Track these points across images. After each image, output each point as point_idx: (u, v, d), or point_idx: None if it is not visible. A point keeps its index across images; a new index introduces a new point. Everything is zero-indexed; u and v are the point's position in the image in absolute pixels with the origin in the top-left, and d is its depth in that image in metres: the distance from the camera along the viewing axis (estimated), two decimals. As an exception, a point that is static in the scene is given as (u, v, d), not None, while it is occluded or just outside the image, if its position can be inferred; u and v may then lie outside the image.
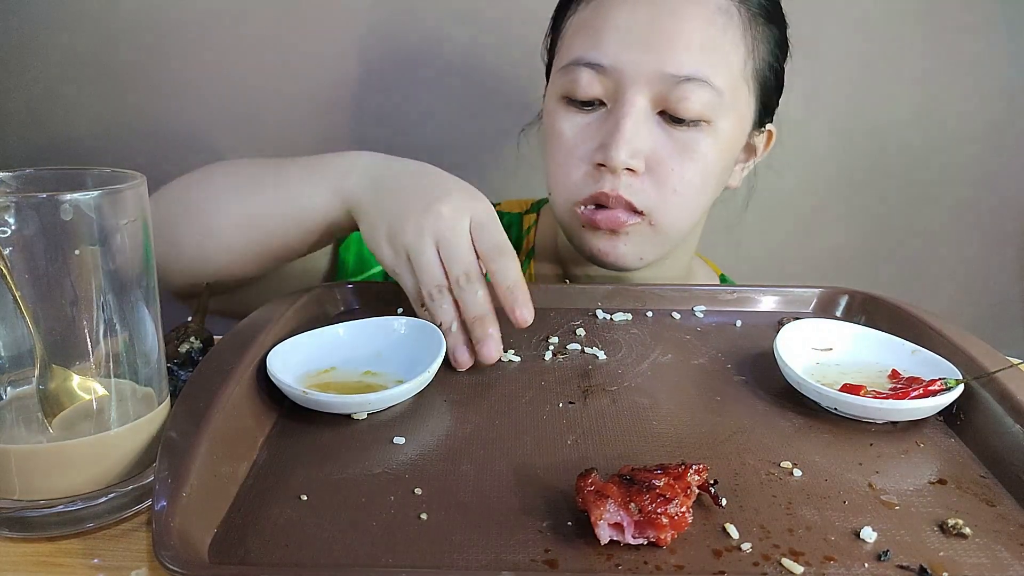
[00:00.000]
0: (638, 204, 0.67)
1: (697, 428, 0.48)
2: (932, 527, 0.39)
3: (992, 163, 1.08)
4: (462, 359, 0.55)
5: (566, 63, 0.69)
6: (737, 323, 0.65)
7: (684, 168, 0.67)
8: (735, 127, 0.70)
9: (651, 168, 0.67)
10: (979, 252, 1.13)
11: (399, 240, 0.56)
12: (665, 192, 0.68)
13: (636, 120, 0.66)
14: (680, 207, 0.69)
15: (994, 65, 1.03)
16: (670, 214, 0.69)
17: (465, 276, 0.55)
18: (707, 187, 0.70)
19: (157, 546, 0.33)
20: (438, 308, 0.55)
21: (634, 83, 0.66)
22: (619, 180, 0.66)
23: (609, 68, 0.66)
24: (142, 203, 0.41)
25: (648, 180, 0.67)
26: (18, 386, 0.40)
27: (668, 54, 0.65)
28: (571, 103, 0.69)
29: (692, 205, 0.70)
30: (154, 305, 0.43)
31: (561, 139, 0.70)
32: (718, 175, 0.71)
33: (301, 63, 1.06)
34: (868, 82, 1.05)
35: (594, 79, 0.67)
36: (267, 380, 0.49)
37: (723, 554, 0.36)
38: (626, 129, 0.65)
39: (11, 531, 0.39)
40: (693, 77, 0.65)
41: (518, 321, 0.55)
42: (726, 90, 0.67)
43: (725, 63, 0.67)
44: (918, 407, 0.47)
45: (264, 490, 0.41)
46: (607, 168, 0.66)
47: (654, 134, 0.67)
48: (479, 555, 0.36)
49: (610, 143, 0.65)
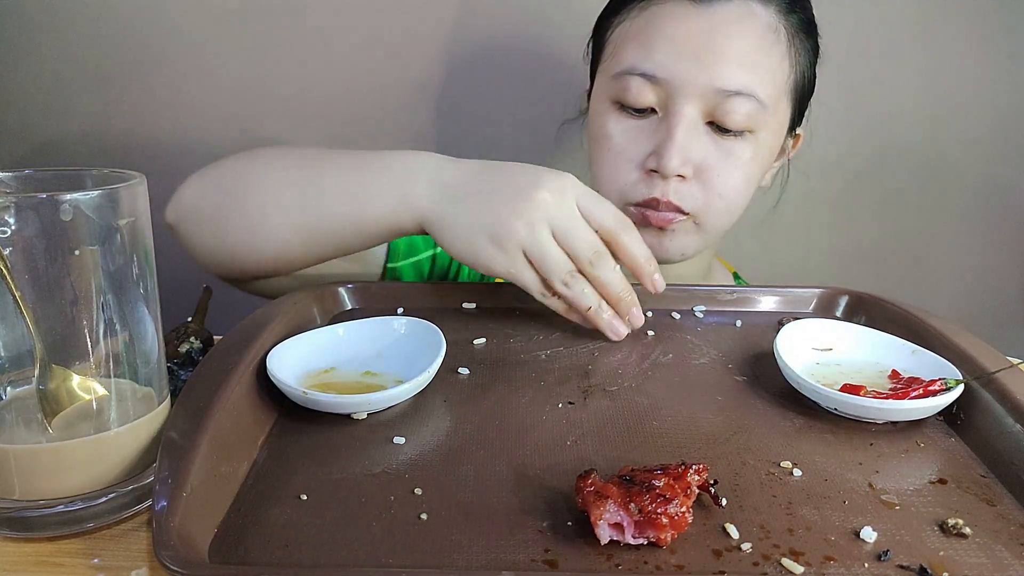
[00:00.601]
0: (686, 207, 0.71)
1: (697, 428, 0.48)
2: (932, 527, 0.38)
3: (993, 163, 1.08)
4: (622, 331, 0.59)
5: (618, 71, 0.71)
6: (737, 323, 0.65)
7: (729, 174, 0.71)
8: (775, 135, 0.74)
9: (698, 174, 0.70)
10: (979, 252, 1.13)
11: (510, 241, 0.57)
12: (711, 196, 0.71)
13: (687, 130, 0.69)
14: (724, 210, 0.72)
15: (996, 66, 1.03)
16: (714, 216, 0.72)
17: (596, 255, 0.58)
18: (748, 191, 0.74)
19: (157, 546, 0.33)
20: (578, 294, 0.58)
21: (685, 94, 0.68)
22: (669, 186, 0.70)
23: (662, 79, 0.69)
24: (142, 203, 0.41)
25: (696, 185, 0.71)
26: (18, 386, 0.40)
27: (719, 69, 0.67)
28: (622, 108, 0.72)
29: (734, 207, 0.73)
30: (154, 305, 0.43)
31: (611, 141, 0.73)
32: (757, 179, 0.75)
33: (300, 64, 1.06)
34: (870, 83, 1.05)
35: (647, 88, 0.70)
36: (267, 380, 0.49)
37: (723, 554, 0.36)
38: (678, 139, 0.68)
39: (11, 531, 0.39)
40: (741, 92, 0.68)
41: (657, 288, 0.60)
42: (770, 103, 0.70)
43: (771, 79, 0.70)
44: (918, 407, 0.47)
45: (264, 490, 0.41)
46: (659, 175, 0.69)
47: (703, 143, 0.70)
48: (479, 555, 0.36)
49: (663, 152, 0.68)
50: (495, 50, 1.05)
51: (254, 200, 0.64)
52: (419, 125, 1.09)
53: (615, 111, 0.72)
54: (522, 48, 1.04)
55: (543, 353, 0.58)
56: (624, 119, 0.72)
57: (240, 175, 0.66)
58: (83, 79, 1.07)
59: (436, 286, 0.69)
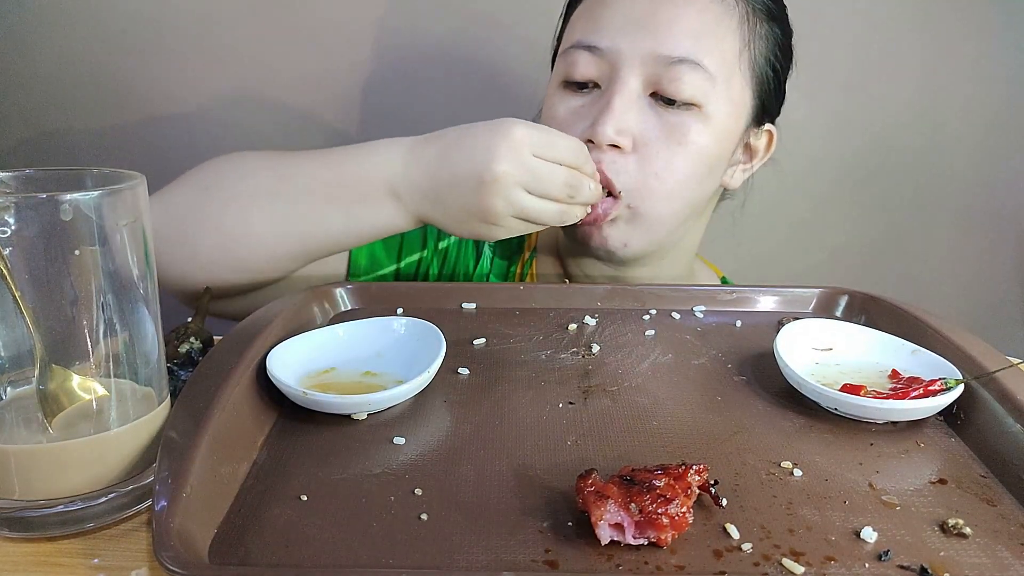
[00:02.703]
0: (617, 184, 0.68)
1: (697, 428, 0.48)
2: (933, 527, 0.38)
3: (992, 163, 1.08)
4: None
5: (565, 48, 0.72)
6: (737, 323, 0.65)
7: (671, 153, 0.68)
8: (728, 117, 0.70)
9: (638, 149, 0.68)
10: (979, 252, 1.13)
11: (498, 216, 0.60)
12: (647, 175, 0.68)
13: (626, 98, 0.67)
14: (660, 193, 0.69)
15: (994, 66, 1.04)
16: (649, 199, 0.69)
17: (571, 188, 0.61)
18: (694, 177, 0.70)
19: (157, 546, 0.33)
20: (574, 216, 0.64)
21: (628, 64, 0.68)
22: (604, 156, 0.68)
23: (605, 50, 0.68)
24: (142, 203, 0.41)
25: (633, 160, 0.68)
26: (18, 386, 0.40)
27: (663, 37, 0.67)
28: (568, 86, 0.72)
29: (674, 193, 0.70)
30: (154, 305, 0.43)
31: (555, 120, 0.72)
32: (709, 167, 0.71)
33: (299, 64, 1.06)
34: (868, 83, 1.05)
35: (590, 61, 0.69)
36: (267, 380, 0.49)
37: (724, 554, 0.36)
38: (615, 106, 0.67)
39: (11, 531, 0.39)
40: (686, 59, 0.66)
41: None
42: (719, 76, 0.68)
43: (719, 49, 0.68)
44: (918, 407, 0.47)
45: (264, 490, 0.41)
46: (595, 144, 0.68)
47: (644, 114, 0.68)
48: (479, 555, 0.36)
49: (599, 119, 0.68)
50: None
51: (233, 214, 0.64)
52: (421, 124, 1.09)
53: (561, 90, 0.73)
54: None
55: (543, 353, 0.58)
56: (569, 97, 0.72)
57: (208, 190, 0.65)
58: (83, 79, 1.07)
59: (436, 286, 0.69)
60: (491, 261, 0.84)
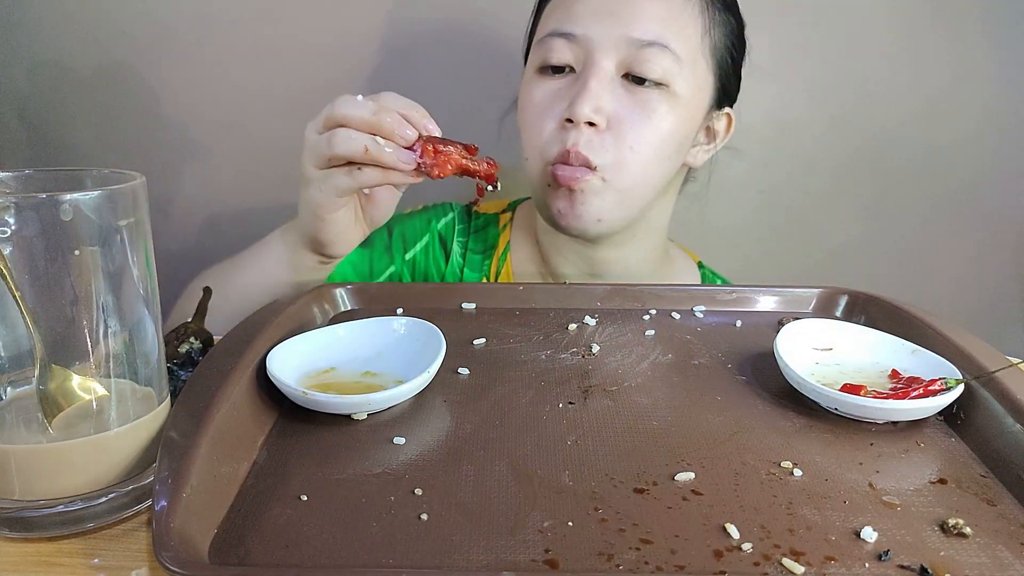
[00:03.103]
0: (594, 159, 0.72)
1: (697, 428, 0.48)
2: (933, 527, 0.38)
3: (992, 163, 1.08)
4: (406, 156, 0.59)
5: (541, 36, 0.76)
6: (737, 323, 0.65)
7: (642, 126, 0.73)
8: (693, 97, 0.75)
9: (612, 126, 0.72)
10: (979, 252, 1.13)
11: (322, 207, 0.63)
12: (622, 148, 0.73)
13: (601, 80, 0.72)
14: (635, 165, 0.73)
15: (993, 65, 1.04)
16: (624, 171, 0.73)
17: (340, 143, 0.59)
18: (663, 151, 0.74)
19: (157, 546, 0.33)
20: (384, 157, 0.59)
21: (601, 48, 0.72)
22: (582, 135, 0.72)
23: (580, 36, 0.73)
24: (142, 203, 0.41)
25: (609, 137, 0.72)
26: (18, 386, 0.40)
27: (633, 23, 0.72)
28: (544, 71, 0.76)
29: (647, 164, 0.74)
30: (154, 305, 0.43)
31: (533, 103, 0.76)
32: (676, 142, 0.75)
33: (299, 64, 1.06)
34: (868, 83, 1.05)
35: (566, 47, 0.74)
36: (267, 380, 0.49)
37: (724, 554, 0.36)
38: (592, 86, 0.71)
39: (11, 531, 0.39)
40: (655, 42, 0.71)
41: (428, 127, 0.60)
42: (685, 58, 0.73)
43: (684, 34, 0.73)
44: (918, 407, 0.47)
45: (264, 490, 0.41)
46: (572, 124, 0.72)
47: (617, 94, 0.73)
48: (479, 555, 0.36)
49: (576, 99, 0.71)
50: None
51: None
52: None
53: (538, 76, 0.76)
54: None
55: (543, 353, 0.58)
56: (545, 81, 0.76)
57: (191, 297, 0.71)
58: (84, 79, 1.07)
59: (436, 286, 0.69)
60: (462, 256, 0.88)
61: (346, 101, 0.59)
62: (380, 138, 0.58)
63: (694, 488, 0.41)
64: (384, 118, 0.58)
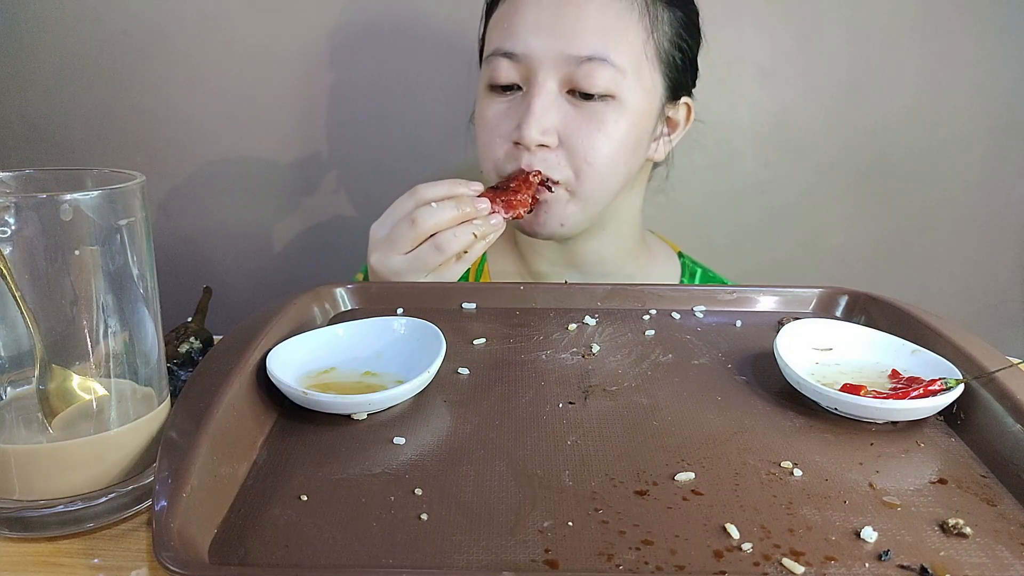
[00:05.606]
0: (556, 177, 0.74)
1: (697, 428, 0.48)
2: (933, 527, 0.38)
3: (992, 163, 1.08)
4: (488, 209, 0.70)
5: (487, 55, 0.78)
6: (737, 323, 0.65)
7: (594, 139, 0.74)
8: (642, 101, 0.76)
9: (564, 142, 0.74)
10: (979, 252, 1.13)
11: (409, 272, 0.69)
12: (578, 162, 0.74)
13: (545, 100, 0.73)
14: (595, 175, 0.75)
15: (995, 66, 1.04)
16: (587, 183, 0.75)
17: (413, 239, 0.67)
18: (620, 157, 0.76)
19: (157, 546, 0.33)
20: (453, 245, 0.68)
21: (543, 66, 0.73)
22: (535, 157, 0.74)
23: (521, 55, 0.74)
24: (142, 203, 0.41)
25: (563, 154, 0.74)
26: (18, 386, 0.40)
27: (570, 38, 0.72)
28: (493, 89, 0.77)
29: (608, 174, 0.76)
30: (154, 305, 0.43)
31: (484, 122, 0.78)
32: (632, 146, 0.77)
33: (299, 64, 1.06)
34: (869, 82, 1.05)
35: (510, 66, 0.75)
36: (267, 380, 0.49)
37: (724, 554, 0.36)
38: (535, 109, 0.73)
39: (11, 531, 0.39)
40: (594, 56, 0.72)
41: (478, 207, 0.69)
42: (628, 68, 0.73)
43: (624, 42, 0.73)
44: (918, 407, 0.47)
45: (264, 490, 0.41)
46: (523, 146, 0.73)
47: (563, 110, 0.74)
48: (479, 555, 0.36)
49: (523, 123, 0.73)
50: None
51: None
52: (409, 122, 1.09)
53: (488, 93, 0.78)
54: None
55: (543, 353, 0.58)
56: (495, 99, 0.77)
57: None
58: (84, 79, 1.07)
59: (436, 286, 0.69)
60: None
61: (411, 193, 0.66)
62: None
63: (694, 488, 0.41)
64: (451, 188, 0.66)
